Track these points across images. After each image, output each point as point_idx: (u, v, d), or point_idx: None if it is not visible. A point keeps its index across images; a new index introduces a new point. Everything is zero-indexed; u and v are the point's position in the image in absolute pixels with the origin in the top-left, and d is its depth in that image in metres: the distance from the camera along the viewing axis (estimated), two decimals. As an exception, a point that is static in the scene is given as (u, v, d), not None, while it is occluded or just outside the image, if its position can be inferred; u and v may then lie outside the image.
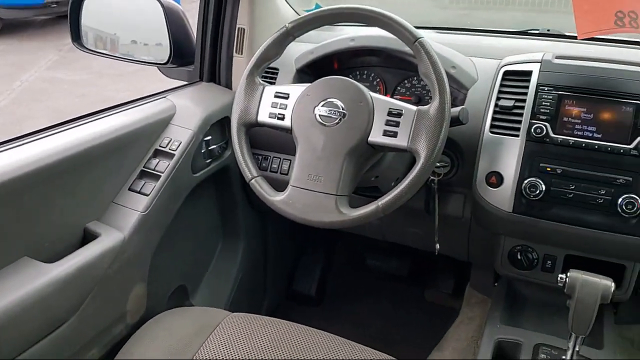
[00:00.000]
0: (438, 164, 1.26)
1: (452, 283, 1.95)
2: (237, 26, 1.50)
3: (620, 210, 1.09)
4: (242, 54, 1.51)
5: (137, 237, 1.18)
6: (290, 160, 1.45)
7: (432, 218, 1.30)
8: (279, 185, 1.14)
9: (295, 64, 1.42)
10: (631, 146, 1.09)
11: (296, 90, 1.13)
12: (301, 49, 1.43)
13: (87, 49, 1.49)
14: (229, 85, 1.54)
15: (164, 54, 1.47)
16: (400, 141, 1.03)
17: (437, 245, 1.30)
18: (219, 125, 1.42)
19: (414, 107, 1.04)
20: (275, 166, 1.48)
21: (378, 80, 1.40)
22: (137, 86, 5.31)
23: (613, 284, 1.02)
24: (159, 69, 1.58)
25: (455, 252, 1.47)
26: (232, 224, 1.63)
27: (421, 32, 1.06)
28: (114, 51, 1.54)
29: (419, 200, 1.30)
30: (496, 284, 1.49)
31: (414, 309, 1.98)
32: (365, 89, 1.08)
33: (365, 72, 1.42)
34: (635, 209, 1.07)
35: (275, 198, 1.11)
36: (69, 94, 5.53)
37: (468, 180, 1.24)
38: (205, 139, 1.36)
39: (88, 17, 1.47)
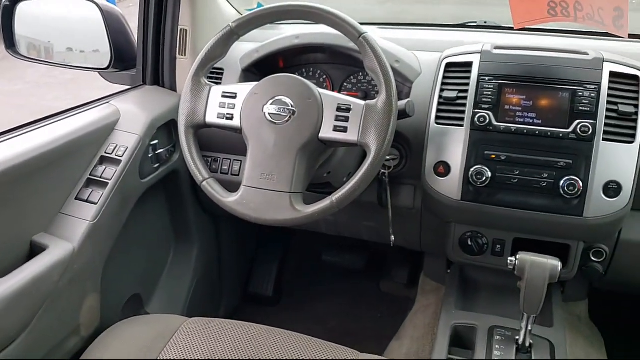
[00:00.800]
0: (388, 157, 1.28)
1: (407, 273, 1.98)
2: (179, 27, 1.47)
3: (562, 192, 1.13)
4: (185, 55, 1.49)
5: (87, 247, 1.15)
6: (241, 161, 1.44)
7: (385, 210, 1.32)
8: (231, 187, 1.13)
9: (241, 63, 1.42)
10: (569, 130, 1.14)
11: (244, 89, 1.12)
12: (246, 49, 1.43)
13: (23, 56, 1.44)
14: (173, 88, 1.52)
15: (102, 59, 1.43)
16: (351, 136, 1.05)
17: (393, 237, 1.32)
18: (166, 129, 1.40)
19: (362, 102, 1.05)
20: (225, 168, 1.47)
21: (324, 77, 1.41)
22: (77, 94, 5.13)
23: (560, 263, 1.07)
24: (100, 74, 1.53)
25: (408, 242, 1.50)
26: (184, 229, 1.61)
27: (365, 28, 1.08)
28: (49, 59, 1.49)
29: (371, 194, 1.32)
30: (449, 271, 1.53)
31: (371, 301, 2.00)
32: (313, 86, 1.08)
33: (312, 69, 1.43)
34: (576, 190, 1.12)
35: (228, 199, 1.10)
36: (5, 105, 5.29)
37: (417, 171, 1.26)
38: (152, 143, 1.34)
39: (21, 24, 1.42)
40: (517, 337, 1.17)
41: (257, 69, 1.42)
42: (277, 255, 2.08)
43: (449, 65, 1.26)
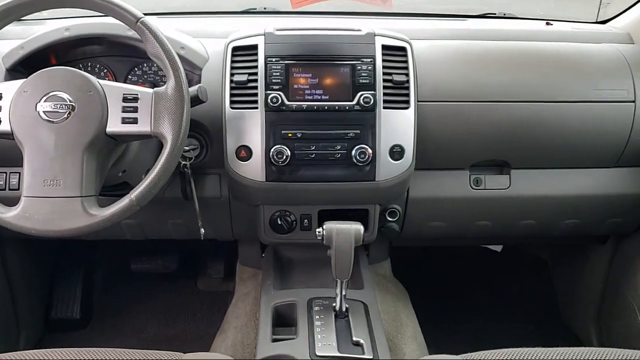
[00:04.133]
0: (187, 148, 1.24)
1: (223, 266, 1.96)
2: None
3: (355, 161, 1.21)
4: None
5: None
6: (20, 173, 1.28)
7: (192, 204, 1.29)
8: (12, 204, 1.00)
9: (4, 62, 1.25)
10: (354, 102, 1.21)
11: (10, 88, 1.00)
12: (9, 47, 1.26)
13: None
14: None
15: None
16: (143, 127, 0.99)
17: (202, 230, 1.30)
18: None
19: (150, 90, 1.01)
20: (1, 183, 1.29)
21: (105, 70, 1.32)
22: None
23: (362, 227, 1.14)
24: None
25: (220, 233, 1.48)
26: None
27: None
28: None
29: (174, 189, 1.28)
30: (263, 255, 1.54)
31: (189, 302, 1.95)
32: (92, 77, 1.00)
33: (89, 63, 1.32)
34: (366, 157, 1.21)
35: (7, 214, 0.97)
36: None
37: (220, 159, 1.25)
38: None
39: None
40: (334, 304, 1.22)
41: (25, 68, 1.27)
42: (79, 272, 1.90)
43: (235, 49, 1.26)
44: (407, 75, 1.25)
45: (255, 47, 1.24)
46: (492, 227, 1.49)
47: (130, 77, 1.32)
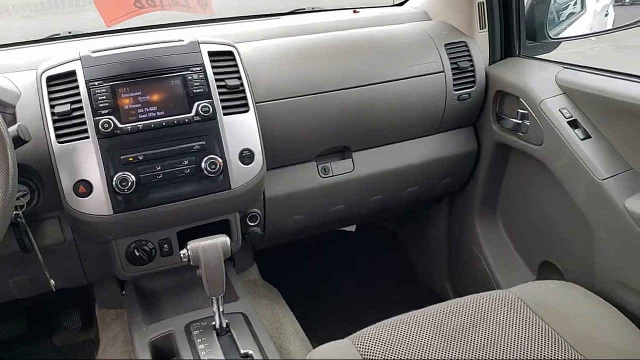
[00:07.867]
0: (17, 195, 1.11)
1: (78, 315, 1.80)
2: None
3: (207, 173, 1.18)
4: None
5: None
6: None
7: (33, 256, 1.16)
8: None
9: None
10: (192, 114, 1.18)
11: None
12: None
13: None
14: None
15: None
16: None
17: (52, 282, 1.18)
18: None
19: None
20: None
21: None
22: None
23: (228, 238, 1.12)
24: None
25: (72, 280, 1.35)
26: None
27: None
28: None
29: (10, 243, 1.14)
30: (124, 292, 1.44)
31: None
32: None
33: None
34: (217, 167, 1.18)
35: None
36: None
37: (56, 200, 1.14)
38: None
39: None
40: (214, 323, 1.18)
41: None
42: None
43: (50, 78, 1.15)
44: (239, 78, 1.24)
45: (72, 73, 1.15)
46: (345, 210, 1.56)
47: None
